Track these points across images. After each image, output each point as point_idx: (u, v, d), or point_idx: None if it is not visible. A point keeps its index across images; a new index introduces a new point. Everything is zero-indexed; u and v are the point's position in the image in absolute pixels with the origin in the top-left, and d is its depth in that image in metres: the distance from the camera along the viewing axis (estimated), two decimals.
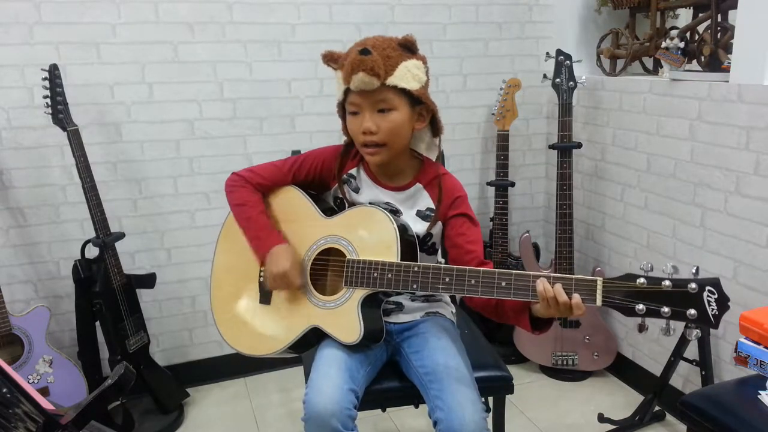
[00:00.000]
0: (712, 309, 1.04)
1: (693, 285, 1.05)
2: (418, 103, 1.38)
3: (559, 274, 1.16)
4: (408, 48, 1.35)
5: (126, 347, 2.07)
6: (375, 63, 1.27)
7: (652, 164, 2.16)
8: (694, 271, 1.07)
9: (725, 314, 1.05)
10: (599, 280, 1.12)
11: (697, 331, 1.09)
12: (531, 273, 1.18)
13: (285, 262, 1.37)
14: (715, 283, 1.05)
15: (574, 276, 1.14)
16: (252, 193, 1.48)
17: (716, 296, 1.04)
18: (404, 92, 1.33)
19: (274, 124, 2.34)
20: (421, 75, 1.36)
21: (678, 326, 1.09)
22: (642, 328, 1.11)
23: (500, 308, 1.30)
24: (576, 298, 1.13)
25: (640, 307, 1.08)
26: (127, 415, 2.06)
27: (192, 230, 2.34)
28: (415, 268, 1.28)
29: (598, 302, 1.12)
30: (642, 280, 1.08)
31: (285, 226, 1.48)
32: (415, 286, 1.28)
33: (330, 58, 1.39)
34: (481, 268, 1.23)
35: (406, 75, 1.32)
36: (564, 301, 1.13)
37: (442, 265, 1.26)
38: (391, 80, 1.31)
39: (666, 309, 1.06)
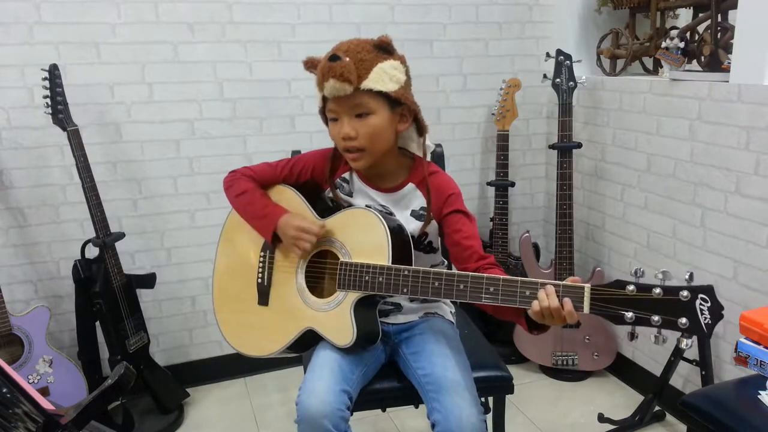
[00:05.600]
0: (705, 318, 1.00)
1: (685, 293, 1.01)
2: (398, 104, 1.35)
3: (547, 281, 1.13)
4: (384, 49, 1.32)
5: (126, 347, 2.07)
6: (345, 68, 1.25)
7: (652, 164, 2.16)
8: (687, 277, 1.03)
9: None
10: (587, 287, 1.09)
11: (690, 340, 1.06)
12: (519, 279, 1.16)
13: (298, 221, 1.38)
14: (709, 290, 1.01)
15: (561, 282, 1.11)
16: (249, 182, 1.48)
17: (709, 304, 1.00)
18: (382, 95, 1.31)
19: (274, 124, 2.34)
20: (398, 75, 1.33)
21: (670, 333, 1.05)
22: (632, 336, 1.08)
23: (498, 307, 1.29)
24: (568, 304, 1.10)
25: (630, 315, 1.04)
26: (127, 415, 2.07)
27: (192, 230, 2.34)
28: (405, 272, 1.26)
29: (586, 309, 1.09)
30: (632, 287, 1.04)
31: None
32: (405, 290, 1.27)
33: (311, 65, 1.37)
34: (470, 273, 1.22)
35: (382, 77, 1.30)
36: (556, 307, 1.10)
37: (432, 270, 1.25)
38: (366, 84, 1.28)
39: (656, 318, 1.03)
